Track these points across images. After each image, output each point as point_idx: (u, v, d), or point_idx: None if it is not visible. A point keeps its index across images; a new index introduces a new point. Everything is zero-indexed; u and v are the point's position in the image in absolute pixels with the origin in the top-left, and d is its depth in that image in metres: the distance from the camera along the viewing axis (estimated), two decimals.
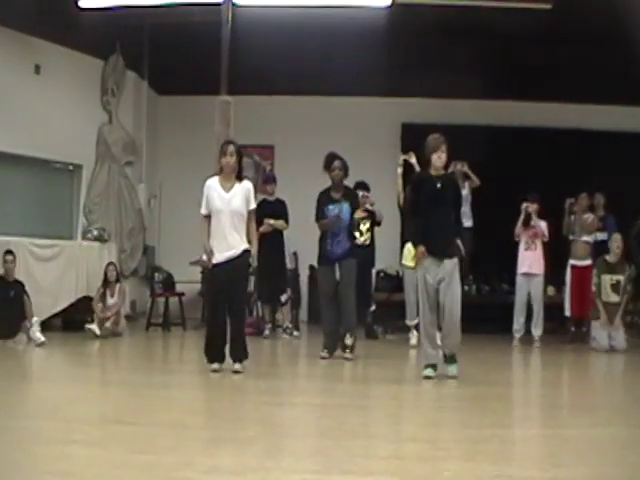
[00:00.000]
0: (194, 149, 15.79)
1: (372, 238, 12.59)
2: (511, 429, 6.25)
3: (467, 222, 13.22)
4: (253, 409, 6.86)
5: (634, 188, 14.43)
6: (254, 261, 8.79)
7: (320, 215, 10.48)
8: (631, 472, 4.77)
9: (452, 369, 8.55)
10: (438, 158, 8.56)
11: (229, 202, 8.56)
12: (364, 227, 12.27)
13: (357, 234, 11.26)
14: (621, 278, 12.30)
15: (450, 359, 8.60)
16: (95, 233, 14.25)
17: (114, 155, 15.52)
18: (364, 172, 11.78)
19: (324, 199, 10.52)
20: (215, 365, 8.65)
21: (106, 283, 13.00)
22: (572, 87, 14.92)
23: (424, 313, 8.58)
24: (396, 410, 7.12)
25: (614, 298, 12.23)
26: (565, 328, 13.53)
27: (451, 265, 8.47)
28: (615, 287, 12.26)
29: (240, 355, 8.69)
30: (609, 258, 12.41)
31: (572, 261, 13.13)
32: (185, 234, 15.59)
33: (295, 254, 15.25)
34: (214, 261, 8.54)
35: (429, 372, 8.48)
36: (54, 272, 13.06)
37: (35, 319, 11.51)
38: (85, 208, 14.99)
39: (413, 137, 15.12)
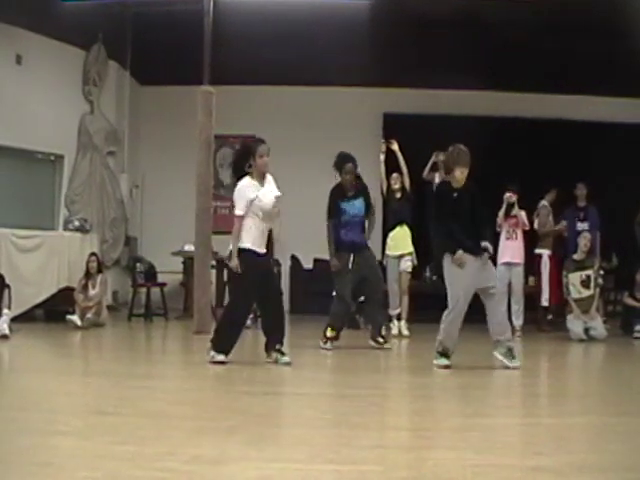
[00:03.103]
0: (176, 139, 15.83)
1: None
2: (494, 418, 6.26)
3: None
4: (235, 399, 6.85)
5: (621, 179, 14.62)
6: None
7: (334, 211, 10.44)
8: (612, 459, 4.80)
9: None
10: (461, 174, 8.59)
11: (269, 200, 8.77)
12: None
13: None
14: (590, 273, 12.46)
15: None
16: (77, 224, 14.22)
17: (96, 145, 15.48)
18: None
19: (337, 194, 10.48)
20: (223, 357, 8.66)
21: (88, 274, 12.96)
22: (555, 77, 15.00)
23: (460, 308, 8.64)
24: (379, 399, 7.12)
25: (586, 292, 12.39)
26: (546, 317, 13.66)
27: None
28: (585, 283, 12.43)
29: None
30: (576, 256, 12.61)
31: (548, 251, 13.37)
32: (167, 224, 15.63)
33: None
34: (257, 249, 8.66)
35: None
36: (36, 263, 13.03)
37: (6, 311, 11.33)
38: (67, 198, 14.95)
39: (395, 127, 15.25)
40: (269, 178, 8.83)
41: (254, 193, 8.60)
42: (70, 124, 15.04)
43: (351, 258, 10.33)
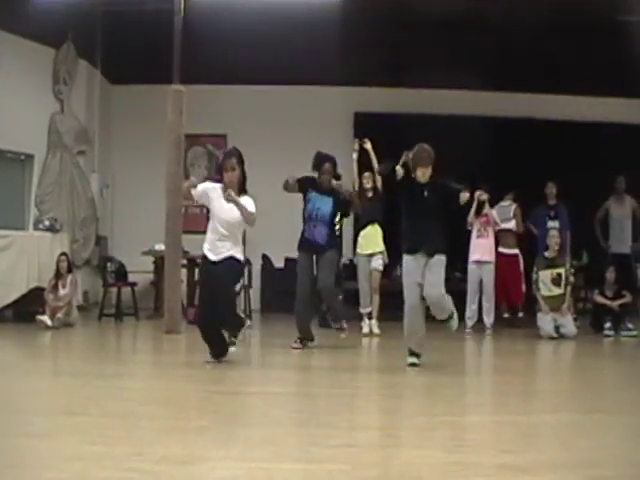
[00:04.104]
0: (147, 138, 15.76)
1: (340, 229, 12.53)
2: (462, 416, 6.29)
3: None
4: (205, 399, 6.85)
5: (589, 176, 14.71)
6: None
7: (299, 185, 10.36)
8: (581, 456, 4.83)
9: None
10: (422, 175, 8.49)
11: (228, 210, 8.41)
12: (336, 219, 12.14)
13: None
14: (561, 271, 12.52)
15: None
16: (47, 223, 14.13)
17: (66, 144, 15.38)
18: None
19: (310, 184, 10.38)
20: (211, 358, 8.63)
21: (58, 274, 12.89)
22: (522, 76, 15.09)
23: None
24: (348, 398, 7.13)
25: (557, 290, 12.44)
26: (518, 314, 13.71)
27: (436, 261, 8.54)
28: (556, 280, 12.48)
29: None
30: (547, 254, 12.66)
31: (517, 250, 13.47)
32: (137, 224, 15.58)
33: None
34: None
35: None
36: (6, 263, 12.92)
37: None
38: (37, 198, 14.84)
39: (366, 126, 15.27)
40: (245, 197, 8.48)
41: (213, 196, 8.47)
42: (40, 123, 14.92)
43: (314, 258, 10.30)
